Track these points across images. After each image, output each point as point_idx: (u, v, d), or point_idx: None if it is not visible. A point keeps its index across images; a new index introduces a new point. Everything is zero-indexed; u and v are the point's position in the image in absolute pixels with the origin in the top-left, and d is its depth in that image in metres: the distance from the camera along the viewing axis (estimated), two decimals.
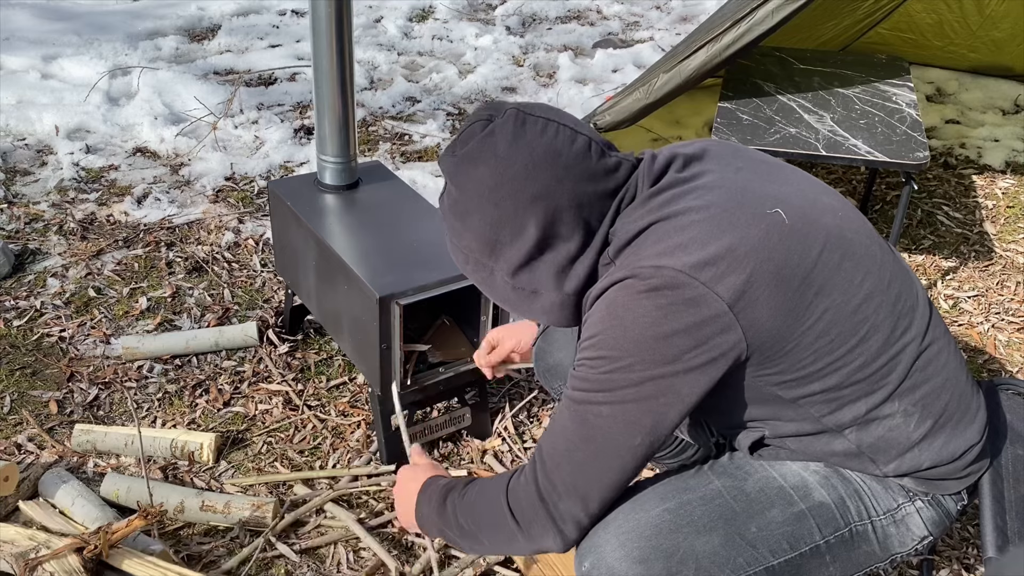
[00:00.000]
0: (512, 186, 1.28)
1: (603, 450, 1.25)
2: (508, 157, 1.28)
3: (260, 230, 3.24)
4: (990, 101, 4.50)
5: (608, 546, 1.32)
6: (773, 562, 1.32)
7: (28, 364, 2.56)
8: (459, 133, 1.35)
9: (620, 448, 1.24)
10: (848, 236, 1.30)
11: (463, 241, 1.36)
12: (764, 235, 1.22)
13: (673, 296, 1.18)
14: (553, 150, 1.28)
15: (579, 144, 1.30)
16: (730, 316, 1.19)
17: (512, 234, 1.30)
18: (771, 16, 2.65)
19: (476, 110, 1.36)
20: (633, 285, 1.21)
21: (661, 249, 1.22)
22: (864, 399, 1.30)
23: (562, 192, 1.28)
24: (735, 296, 1.19)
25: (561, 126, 1.30)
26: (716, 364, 1.21)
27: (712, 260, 1.19)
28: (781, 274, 1.21)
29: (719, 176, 1.31)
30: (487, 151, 1.29)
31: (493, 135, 1.30)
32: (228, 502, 2.04)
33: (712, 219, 1.23)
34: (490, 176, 1.29)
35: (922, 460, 1.34)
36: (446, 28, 5.41)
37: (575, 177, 1.28)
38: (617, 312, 1.22)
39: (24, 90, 4.18)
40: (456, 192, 1.34)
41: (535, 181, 1.27)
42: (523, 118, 1.30)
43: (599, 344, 1.23)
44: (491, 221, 1.31)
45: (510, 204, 1.29)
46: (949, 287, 3.10)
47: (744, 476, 1.39)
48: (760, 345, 1.22)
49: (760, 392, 1.31)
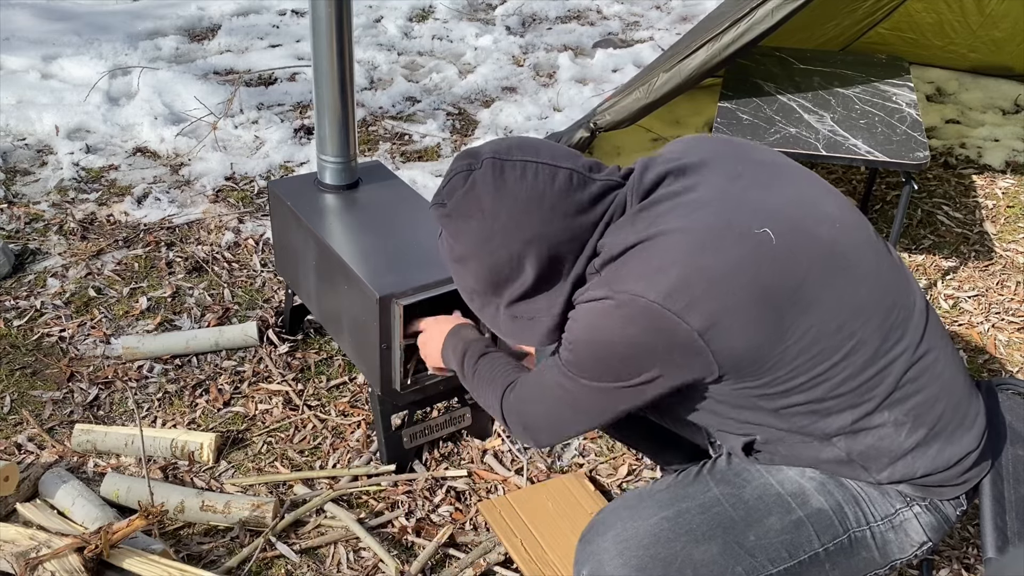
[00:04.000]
0: (503, 236, 1.32)
1: (574, 412, 1.39)
2: (493, 210, 1.32)
3: (260, 230, 3.24)
4: (990, 101, 4.50)
5: (606, 554, 1.32)
6: (772, 570, 1.32)
7: (28, 364, 2.56)
8: (443, 184, 1.39)
9: (589, 415, 1.39)
10: (842, 249, 1.30)
11: (466, 283, 1.43)
12: (749, 255, 1.23)
13: (644, 324, 1.23)
14: (536, 193, 1.31)
15: (560, 179, 1.32)
16: (700, 343, 1.22)
17: (511, 275, 1.36)
18: (771, 15, 2.65)
19: (455, 160, 1.40)
20: (609, 308, 1.26)
21: (640, 272, 1.25)
22: (850, 410, 1.30)
23: (552, 232, 1.32)
24: (707, 324, 1.21)
25: (540, 165, 1.32)
26: (677, 378, 1.27)
27: (687, 286, 1.21)
28: (763, 296, 1.22)
29: (713, 189, 1.30)
30: (472, 206, 1.33)
31: (475, 188, 1.33)
32: (228, 502, 2.04)
33: (695, 241, 1.25)
34: (480, 230, 1.33)
35: (916, 468, 1.34)
36: (446, 28, 5.41)
37: (562, 214, 1.32)
38: (590, 331, 1.29)
39: (24, 90, 4.18)
40: (451, 240, 1.39)
41: (524, 228, 1.31)
42: (500, 166, 1.32)
43: (573, 351, 1.32)
44: (488, 267, 1.36)
45: (504, 252, 1.33)
46: (949, 287, 3.10)
47: (742, 483, 1.38)
48: (734, 366, 1.25)
49: (743, 402, 1.31)
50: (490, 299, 1.42)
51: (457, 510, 2.13)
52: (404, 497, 2.14)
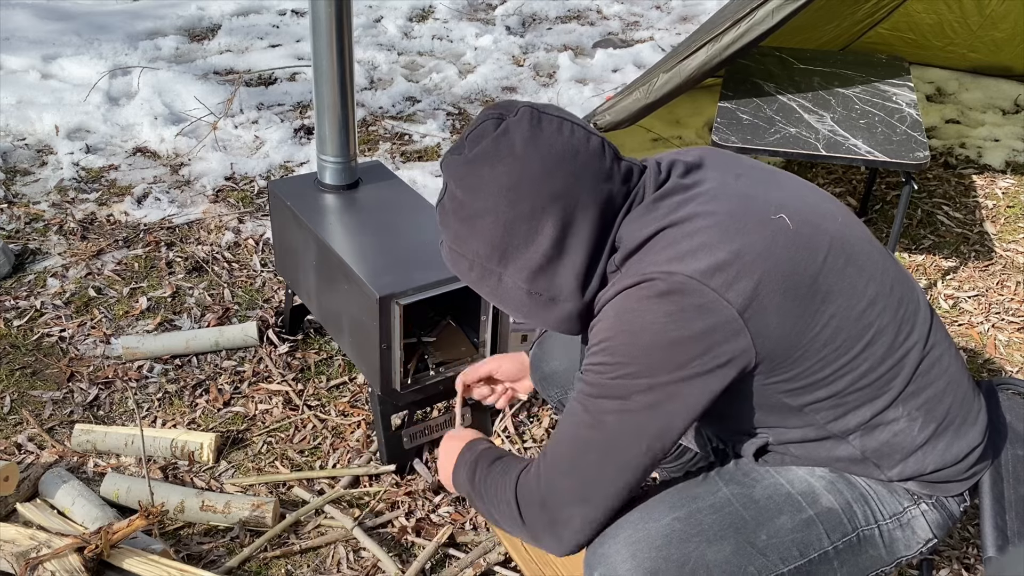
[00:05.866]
0: (531, 185, 1.24)
1: (608, 456, 1.24)
2: (526, 155, 1.24)
3: (260, 230, 3.24)
4: (990, 101, 4.50)
5: (618, 556, 1.31)
6: (783, 569, 1.32)
7: (28, 364, 2.56)
8: (467, 133, 1.31)
9: (625, 455, 1.24)
10: (851, 241, 1.30)
11: (468, 247, 1.31)
12: (771, 241, 1.22)
13: (683, 302, 1.17)
14: (572, 148, 1.25)
15: (594, 144, 1.28)
16: (739, 322, 1.18)
17: (527, 236, 1.26)
18: (771, 16, 2.65)
19: (484, 111, 1.32)
20: (643, 290, 1.20)
21: (671, 255, 1.21)
22: (868, 404, 1.30)
23: (580, 191, 1.25)
24: (745, 302, 1.18)
25: (576, 125, 1.28)
26: (724, 370, 1.20)
27: (722, 266, 1.18)
28: (789, 280, 1.21)
29: (720, 183, 1.30)
30: (503, 149, 1.25)
31: (508, 133, 1.26)
32: (228, 502, 2.04)
33: (720, 225, 1.22)
34: (507, 175, 1.24)
35: (926, 464, 1.34)
36: (446, 28, 5.41)
37: (592, 176, 1.26)
38: (627, 317, 1.20)
39: (24, 90, 4.18)
40: (463, 195, 1.28)
41: (554, 179, 1.24)
42: (538, 116, 1.27)
43: (608, 350, 1.22)
44: (505, 222, 1.26)
45: (527, 204, 1.24)
46: (949, 287, 3.10)
47: (752, 483, 1.38)
48: (769, 353, 1.22)
49: (767, 400, 1.31)
50: (493, 268, 1.30)
51: (457, 511, 2.13)
52: (404, 497, 2.15)
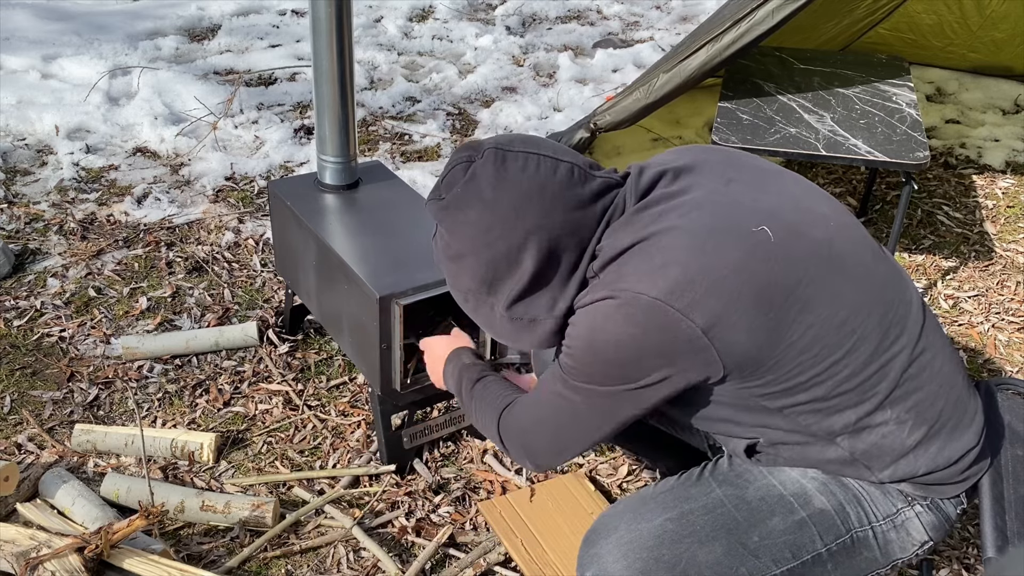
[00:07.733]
0: (502, 227, 1.29)
1: (578, 423, 1.36)
2: (494, 199, 1.29)
3: (260, 230, 3.24)
4: (990, 101, 4.50)
5: (610, 556, 1.32)
6: (776, 571, 1.32)
7: (28, 364, 2.56)
8: (441, 177, 1.37)
9: (590, 427, 1.36)
10: (838, 248, 1.30)
11: (460, 283, 1.39)
12: (748, 255, 1.23)
13: (647, 322, 1.21)
14: (537, 184, 1.29)
15: (562, 172, 1.31)
16: (703, 340, 1.21)
17: (508, 270, 1.33)
18: (771, 16, 2.65)
19: (454, 153, 1.37)
20: (610, 307, 1.24)
21: (642, 271, 1.24)
22: (853, 408, 1.30)
23: (552, 223, 1.29)
24: (711, 321, 1.20)
25: (541, 157, 1.31)
26: (683, 378, 1.25)
27: (690, 284, 1.20)
28: (763, 294, 1.22)
29: (708, 191, 1.30)
30: (472, 196, 1.31)
31: (475, 178, 1.31)
32: (228, 502, 2.04)
33: (695, 240, 1.24)
34: (479, 220, 1.31)
35: (918, 466, 1.34)
36: (446, 28, 5.41)
37: (563, 207, 1.30)
38: (593, 332, 1.26)
39: (24, 90, 4.18)
40: (447, 236, 1.36)
41: (524, 218, 1.29)
42: (502, 156, 1.31)
43: (574, 356, 1.30)
44: (486, 261, 1.33)
45: (503, 244, 1.30)
46: (949, 287, 3.10)
47: (745, 484, 1.38)
48: (738, 364, 1.24)
49: (745, 403, 1.31)
50: (485, 299, 1.38)
51: (457, 511, 2.13)
52: (404, 497, 2.15)
